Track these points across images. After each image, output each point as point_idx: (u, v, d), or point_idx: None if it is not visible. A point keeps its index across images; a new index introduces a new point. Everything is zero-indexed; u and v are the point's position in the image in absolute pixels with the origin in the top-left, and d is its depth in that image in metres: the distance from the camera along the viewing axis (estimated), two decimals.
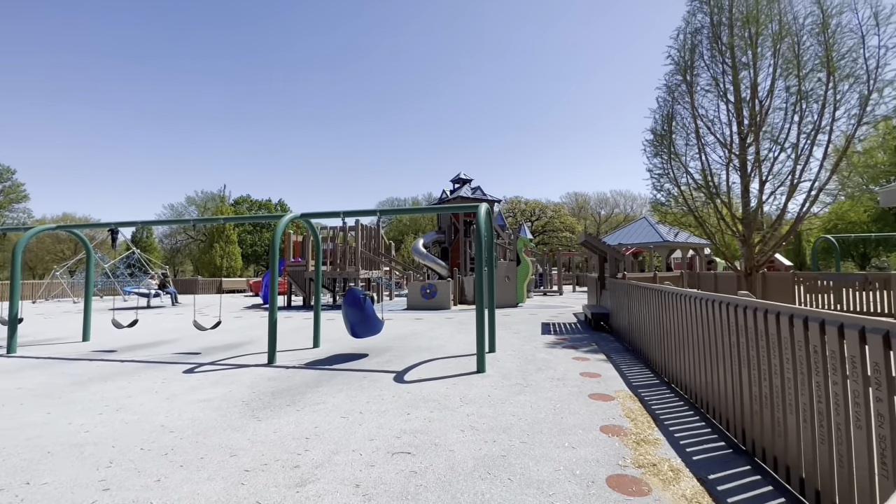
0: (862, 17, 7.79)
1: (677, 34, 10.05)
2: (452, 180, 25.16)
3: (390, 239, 58.96)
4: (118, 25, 70.55)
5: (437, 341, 7.88)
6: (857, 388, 1.98)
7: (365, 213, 7.22)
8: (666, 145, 9.82)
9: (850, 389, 2.03)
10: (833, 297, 11.36)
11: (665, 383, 4.83)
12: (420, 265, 23.62)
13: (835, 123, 8.13)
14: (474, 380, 5.12)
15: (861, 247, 31.25)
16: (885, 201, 6.53)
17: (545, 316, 11.59)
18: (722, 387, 3.40)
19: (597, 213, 65.88)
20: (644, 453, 3.04)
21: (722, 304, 3.36)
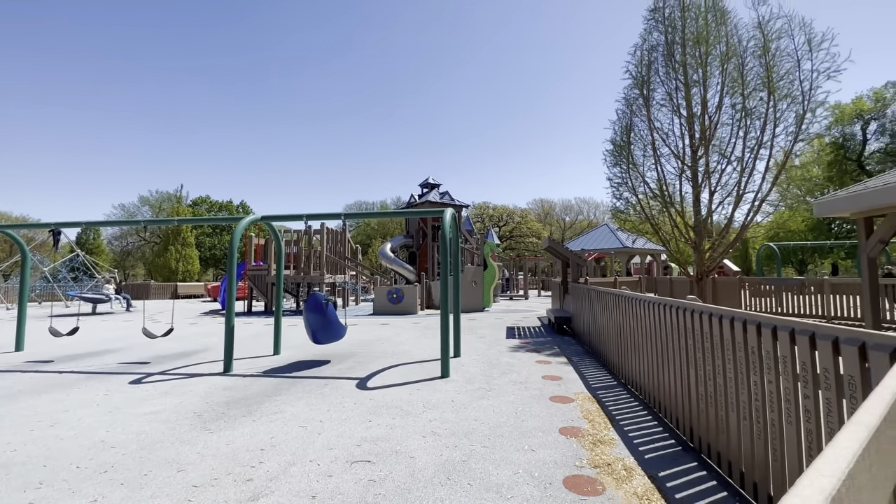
0: (798, 43, 8.47)
1: (635, 50, 10.56)
2: (421, 185, 25.12)
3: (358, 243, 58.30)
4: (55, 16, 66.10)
5: (402, 346, 7.81)
6: (787, 385, 2.13)
7: (329, 217, 7.08)
8: (625, 156, 10.25)
9: (782, 387, 2.18)
10: (775, 301, 12.21)
11: (622, 384, 5.01)
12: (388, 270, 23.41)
13: (775, 139, 8.78)
14: (438, 385, 5.10)
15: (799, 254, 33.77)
16: (819, 212, 7.08)
17: (510, 320, 11.76)
18: (672, 387, 3.57)
19: (562, 220, 67.68)
20: (600, 453, 3.13)
21: (670, 307, 3.52)
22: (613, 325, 5.50)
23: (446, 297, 5.57)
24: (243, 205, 53.04)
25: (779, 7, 8.74)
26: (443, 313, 5.55)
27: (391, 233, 54.06)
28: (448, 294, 5.61)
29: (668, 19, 10.05)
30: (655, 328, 3.92)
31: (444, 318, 5.55)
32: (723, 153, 9.38)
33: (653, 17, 10.34)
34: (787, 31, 8.62)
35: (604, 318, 6.07)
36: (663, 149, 10.05)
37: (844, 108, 30.88)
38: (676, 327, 3.43)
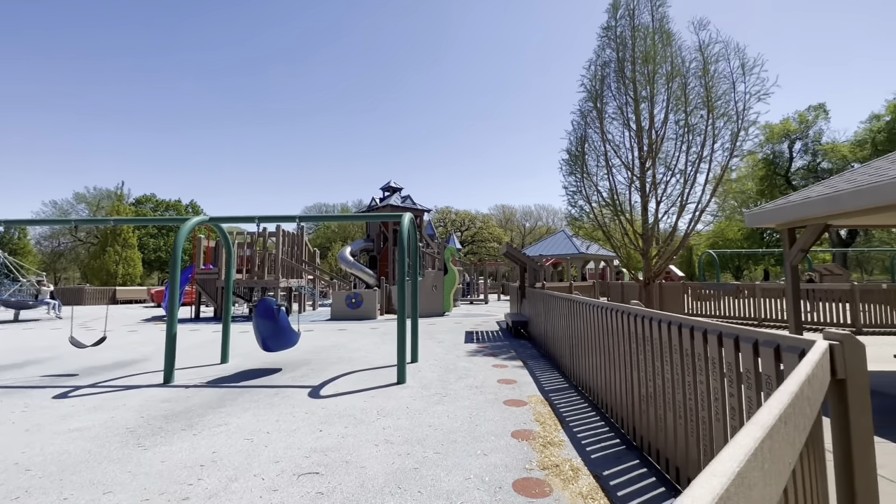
0: (733, 67, 9.20)
1: (589, 65, 11.04)
2: (382, 188, 24.92)
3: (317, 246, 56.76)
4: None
5: (359, 352, 7.66)
6: (716, 385, 2.28)
7: (283, 219, 6.84)
8: (579, 165, 10.67)
9: (711, 387, 2.33)
10: (715, 304, 13.11)
11: (574, 387, 5.17)
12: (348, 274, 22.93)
13: (714, 154, 9.46)
14: (394, 391, 5.04)
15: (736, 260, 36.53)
16: (750, 222, 7.68)
17: (470, 324, 11.85)
18: (617, 388, 3.72)
19: (522, 225, 69.32)
20: (549, 455, 3.21)
21: (614, 311, 3.69)
22: (565, 329, 5.68)
23: (403, 302, 5.53)
24: (193, 204, 50.23)
25: (717, 32, 9.47)
26: (399, 319, 5.50)
27: (352, 236, 53.12)
28: (406, 299, 5.56)
29: (619, 37, 10.59)
30: (602, 331, 4.08)
31: (401, 323, 5.51)
32: (668, 166, 9.98)
33: (606, 35, 10.87)
34: (723, 55, 9.35)
35: (556, 322, 6.25)
36: (615, 160, 10.55)
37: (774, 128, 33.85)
38: (620, 331, 3.59)
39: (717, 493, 0.52)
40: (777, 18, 75.94)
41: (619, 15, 10.72)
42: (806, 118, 33.75)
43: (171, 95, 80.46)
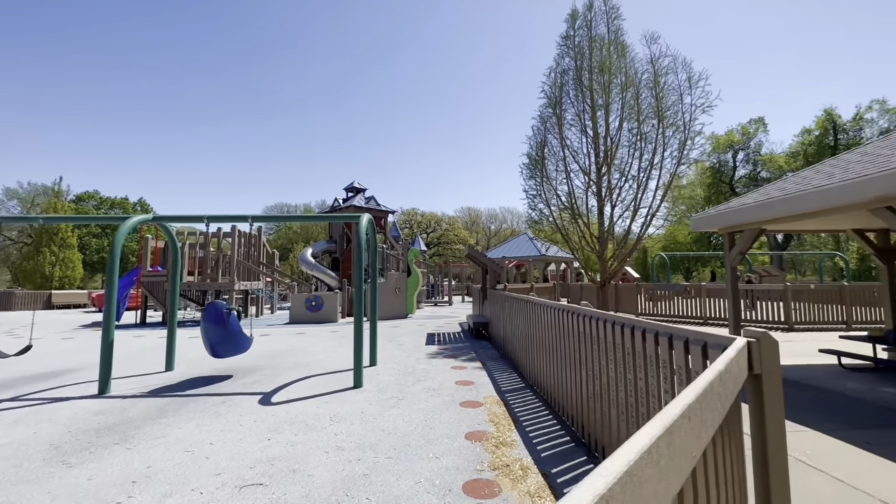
0: (680, 80, 9.74)
1: (549, 72, 11.34)
2: (346, 188, 24.46)
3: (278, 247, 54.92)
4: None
5: (316, 357, 7.45)
6: (653, 381, 2.38)
7: (234, 219, 6.55)
8: (539, 170, 10.92)
9: (648, 383, 2.43)
10: (665, 304, 13.79)
11: (530, 386, 5.26)
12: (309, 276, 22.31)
13: (664, 162, 9.95)
14: (349, 396, 4.93)
15: (686, 262, 38.68)
16: (695, 226, 8.14)
17: (432, 326, 11.83)
18: (568, 386, 3.82)
19: (487, 227, 70.15)
20: (501, 455, 3.24)
21: (564, 311, 3.78)
22: (522, 330, 5.77)
23: (361, 304, 5.43)
24: (142, 203, 47.28)
25: (667, 47, 9.99)
26: (356, 321, 5.40)
27: (314, 237, 51.82)
28: (363, 301, 5.47)
29: (577, 47, 10.95)
30: (553, 331, 4.18)
31: (358, 326, 5.40)
32: (622, 172, 10.40)
33: (565, 44, 11.21)
34: (672, 68, 9.87)
35: (513, 323, 6.35)
36: (573, 165, 10.89)
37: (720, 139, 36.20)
38: (569, 330, 3.69)
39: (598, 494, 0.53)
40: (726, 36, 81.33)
41: (577, 25, 11.09)
42: (748, 130, 36.32)
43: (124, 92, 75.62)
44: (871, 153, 5.66)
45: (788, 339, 9.14)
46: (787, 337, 9.64)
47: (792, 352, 7.50)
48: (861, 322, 10.82)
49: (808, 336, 9.59)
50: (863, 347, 6.80)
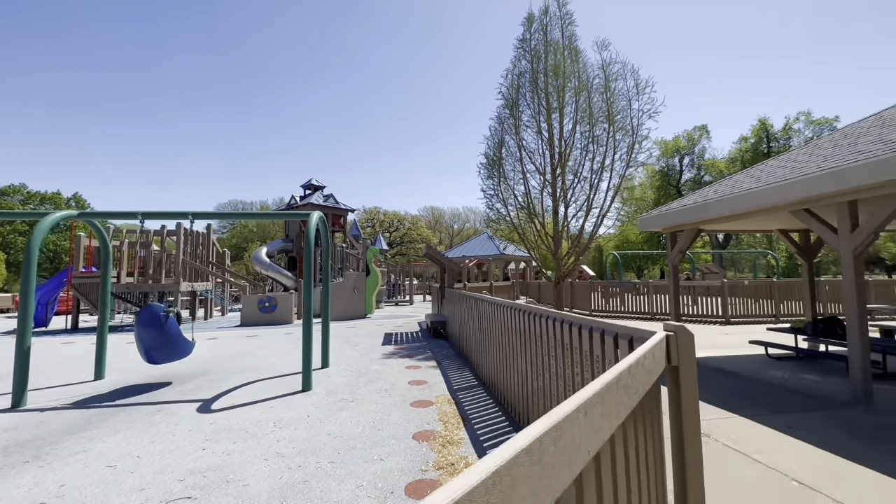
0: (629, 86, 10.17)
1: (506, 74, 11.51)
2: (303, 186, 23.68)
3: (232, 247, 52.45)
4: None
5: (267, 360, 7.15)
6: (588, 376, 2.44)
7: (173, 216, 6.15)
8: (497, 169, 11.06)
9: (584, 378, 2.49)
10: (617, 301, 14.39)
11: (482, 384, 5.29)
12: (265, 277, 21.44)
13: (614, 164, 10.36)
14: (296, 400, 4.76)
15: (638, 261, 40.60)
16: (642, 226, 8.54)
17: (390, 326, 11.70)
18: (515, 383, 3.87)
19: (451, 227, 70.46)
20: (447, 454, 3.22)
21: (511, 309, 3.83)
22: (475, 328, 5.81)
23: (310, 305, 5.26)
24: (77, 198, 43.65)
25: (616, 53, 10.43)
26: (305, 323, 5.22)
27: (271, 236, 49.95)
28: (311, 301, 5.29)
29: (533, 50, 11.18)
30: (502, 329, 4.23)
31: (307, 328, 5.23)
32: (575, 173, 10.73)
33: (521, 47, 11.41)
34: (622, 74, 10.29)
35: (468, 321, 6.38)
36: (529, 166, 11.11)
37: (668, 144, 38.31)
38: (516, 328, 3.74)
39: (454, 498, 0.50)
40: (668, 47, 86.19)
41: (533, 29, 11.31)
42: (693, 137, 38.68)
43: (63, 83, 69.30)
44: (792, 159, 6.15)
45: (725, 332, 9.78)
46: (724, 330, 10.32)
47: (727, 343, 8.04)
48: (788, 315, 11.79)
49: (742, 329, 10.32)
50: (787, 338, 7.40)
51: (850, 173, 4.25)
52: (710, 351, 7.26)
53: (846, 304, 4.56)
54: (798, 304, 11.75)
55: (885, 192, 4.12)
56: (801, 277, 7.81)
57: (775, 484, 2.81)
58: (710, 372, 5.83)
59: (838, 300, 11.99)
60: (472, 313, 6.17)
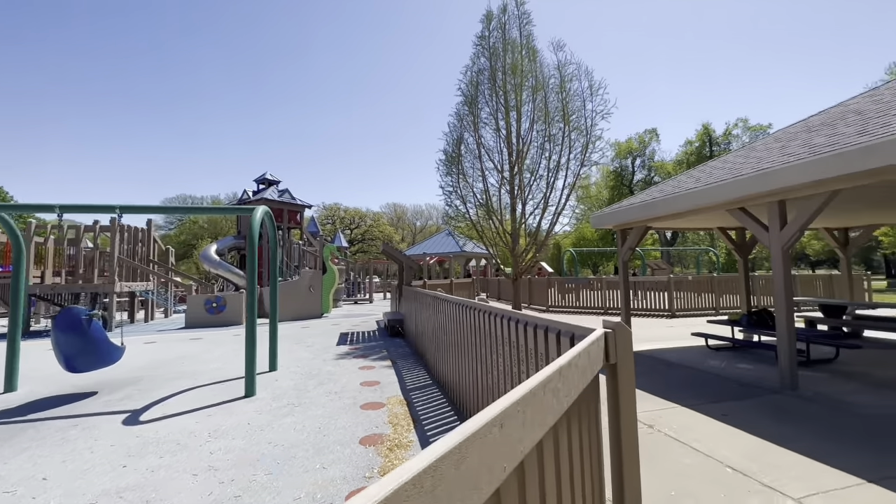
0: (583, 87, 10.43)
1: (466, 71, 11.48)
2: (257, 180, 22.61)
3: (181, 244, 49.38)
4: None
5: (211, 364, 6.70)
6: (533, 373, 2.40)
7: (96, 209, 5.60)
8: (456, 166, 11.01)
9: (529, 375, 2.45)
10: (573, 296, 14.80)
11: (436, 383, 5.21)
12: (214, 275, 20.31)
13: (569, 163, 10.60)
14: (238, 406, 4.46)
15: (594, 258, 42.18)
16: (595, 224, 8.77)
17: (347, 325, 11.39)
18: (467, 381, 3.81)
19: (413, 224, 70.01)
20: (393, 459, 3.11)
21: (461, 306, 3.77)
22: (430, 325, 5.72)
23: (254, 305, 4.95)
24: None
25: (571, 54, 10.67)
26: (249, 324, 4.91)
27: (224, 233, 47.52)
28: (255, 302, 4.99)
29: (492, 48, 11.21)
30: (455, 326, 4.16)
31: (251, 329, 4.92)
32: (532, 171, 10.89)
33: (480, 44, 11.41)
34: (576, 75, 10.53)
35: (423, 319, 6.28)
36: (488, 163, 11.16)
37: (621, 146, 39.98)
38: (467, 325, 3.67)
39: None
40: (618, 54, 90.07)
41: (492, 26, 11.33)
42: (644, 139, 40.60)
43: None
44: (730, 161, 6.51)
45: (670, 325, 10.29)
46: (669, 323, 10.86)
47: (672, 336, 8.44)
48: (727, 307, 12.61)
49: (686, 321, 10.90)
50: (725, 330, 7.86)
51: (779, 174, 4.52)
52: (656, 343, 7.57)
53: (776, 297, 4.86)
54: (735, 297, 12.59)
55: (810, 192, 4.41)
56: (738, 273, 8.32)
57: (711, 471, 2.91)
58: (656, 363, 6.07)
59: (769, 293, 12.97)
60: (426, 311, 6.07)
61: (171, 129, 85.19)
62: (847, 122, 4.81)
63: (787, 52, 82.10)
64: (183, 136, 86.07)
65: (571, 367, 1.25)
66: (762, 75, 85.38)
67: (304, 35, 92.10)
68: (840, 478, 2.73)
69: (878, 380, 4.98)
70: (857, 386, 4.77)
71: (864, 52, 71.50)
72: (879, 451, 3.10)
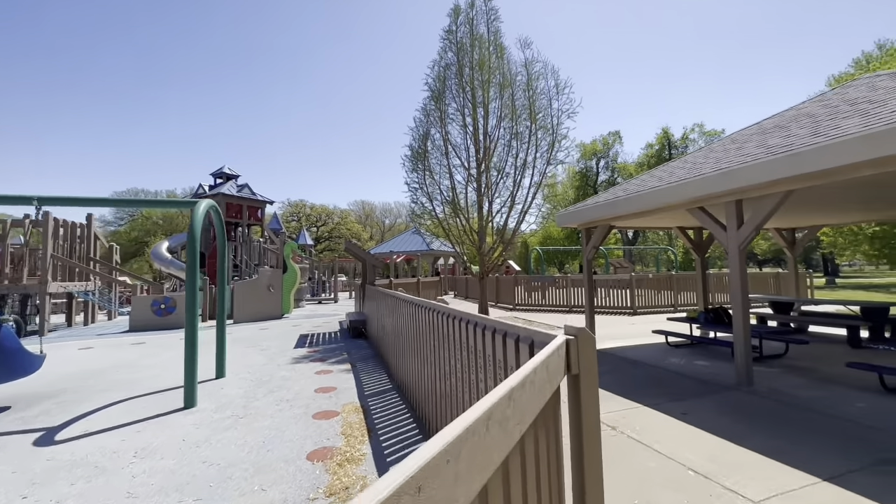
0: (549, 86, 10.42)
1: (433, 65, 11.23)
2: (214, 174, 21.43)
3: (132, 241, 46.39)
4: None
5: (151, 371, 6.15)
6: (491, 385, 2.20)
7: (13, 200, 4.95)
8: (422, 162, 10.75)
9: (489, 387, 2.26)
10: (540, 295, 14.88)
11: (397, 388, 4.96)
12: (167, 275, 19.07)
13: (536, 161, 10.57)
14: (174, 420, 4.04)
15: (559, 257, 43.05)
16: (559, 222, 8.77)
17: (308, 326, 10.91)
18: (426, 386, 3.59)
19: (381, 222, 69.05)
20: (343, 475, 2.84)
21: (419, 306, 3.55)
22: (390, 327, 5.46)
23: (193, 305, 4.52)
24: None
25: (538, 52, 10.66)
26: (188, 326, 4.49)
27: (180, 229, 45.07)
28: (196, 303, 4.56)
29: (459, 42, 11.01)
30: (413, 328, 3.93)
31: (191, 332, 4.49)
32: (499, 169, 10.79)
33: (448, 38, 11.19)
34: (543, 73, 10.51)
35: (385, 320, 6.01)
36: (455, 160, 10.97)
37: (586, 147, 40.95)
38: (427, 327, 3.45)
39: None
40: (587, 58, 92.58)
41: (459, 21, 11.14)
42: (608, 141, 41.76)
43: None
44: (690, 161, 6.62)
45: (632, 322, 10.49)
46: (631, 320, 11.08)
47: (634, 333, 8.56)
48: (685, 304, 13.03)
49: (647, 318, 11.15)
50: (684, 327, 8.05)
51: (737, 173, 4.57)
52: (619, 341, 7.64)
53: (733, 296, 4.93)
54: (692, 294, 13.04)
55: (766, 192, 4.49)
56: (696, 271, 8.54)
57: (674, 475, 2.83)
58: (619, 362, 6.08)
59: (721, 290, 13.52)
60: (387, 312, 5.81)
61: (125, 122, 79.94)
62: (800, 125, 4.94)
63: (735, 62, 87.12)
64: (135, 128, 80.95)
65: (526, 386, 1.05)
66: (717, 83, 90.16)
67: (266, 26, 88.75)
68: (797, 477, 2.72)
69: (825, 375, 5.17)
70: (806, 381, 4.92)
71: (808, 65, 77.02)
72: (831, 449, 3.14)
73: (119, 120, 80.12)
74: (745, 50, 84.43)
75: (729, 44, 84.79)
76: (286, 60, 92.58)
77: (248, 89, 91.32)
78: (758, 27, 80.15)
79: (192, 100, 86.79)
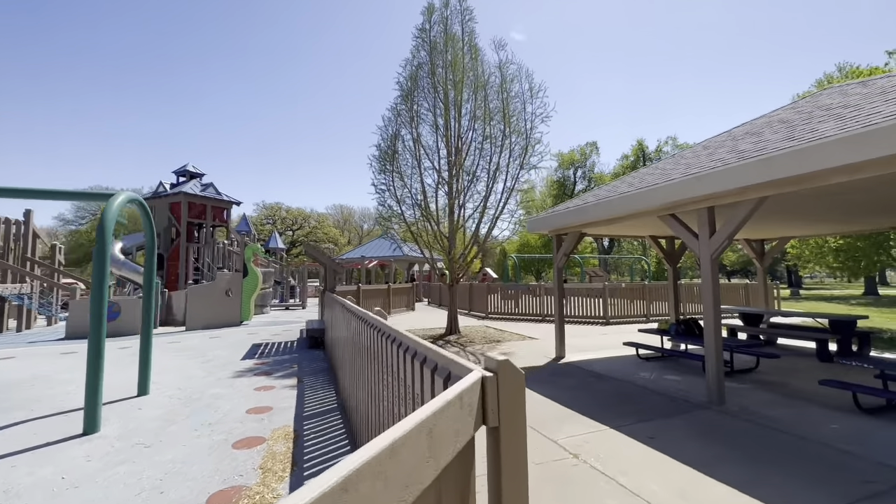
0: (524, 89, 10.15)
1: (406, 64, 10.83)
2: (177, 172, 20.32)
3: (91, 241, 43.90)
4: None
5: (65, 388, 5.41)
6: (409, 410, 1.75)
7: None
8: (391, 163, 10.29)
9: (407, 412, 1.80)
10: (513, 303, 14.55)
11: (341, 408, 4.44)
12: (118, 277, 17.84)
13: (509, 166, 10.26)
14: (65, 450, 3.41)
15: (535, 265, 43.14)
16: (530, 228, 8.45)
17: (266, 335, 10.20)
18: (362, 410, 3.10)
19: (360, 226, 67.99)
20: None
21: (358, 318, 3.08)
22: (340, 338, 4.95)
23: (99, 312, 3.92)
24: None
25: (513, 54, 10.39)
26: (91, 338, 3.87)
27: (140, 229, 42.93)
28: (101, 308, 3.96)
29: (432, 42, 10.66)
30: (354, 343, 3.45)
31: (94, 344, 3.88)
32: (471, 173, 10.43)
33: (421, 37, 10.82)
34: (517, 76, 10.24)
35: (337, 330, 5.49)
36: (426, 162, 10.55)
37: (564, 157, 41.37)
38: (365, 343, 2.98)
39: None
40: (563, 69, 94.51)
41: (433, 20, 10.80)
42: (585, 151, 42.33)
43: None
44: (660, 167, 6.40)
45: (604, 333, 10.24)
46: (603, 330, 10.84)
47: (605, 344, 8.27)
48: (657, 314, 12.93)
49: (620, 328, 10.93)
50: (655, 339, 7.80)
51: (709, 178, 4.31)
52: (590, 353, 7.32)
53: (705, 308, 4.65)
54: (664, 304, 12.95)
55: (738, 198, 4.23)
56: (668, 281, 8.35)
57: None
58: (587, 376, 5.73)
59: (692, 300, 13.49)
60: (338, 321, 5.29)
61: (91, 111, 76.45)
62: (774, 130, 4.73)
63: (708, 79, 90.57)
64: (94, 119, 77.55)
65: (401, 450, 0.61)
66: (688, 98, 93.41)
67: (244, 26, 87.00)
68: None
69: (797, 391, 4.94)
70: (779, 398, 4.67)
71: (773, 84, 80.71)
72: (811, 480, 2.81)
73: (118, 115, 76.59)
74: (721, 66, 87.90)
75: (704, 64, 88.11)
76: (263, 60, 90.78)
77: (235, 88, 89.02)
78: (732, 43, 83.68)
79: (180, 95, 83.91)
